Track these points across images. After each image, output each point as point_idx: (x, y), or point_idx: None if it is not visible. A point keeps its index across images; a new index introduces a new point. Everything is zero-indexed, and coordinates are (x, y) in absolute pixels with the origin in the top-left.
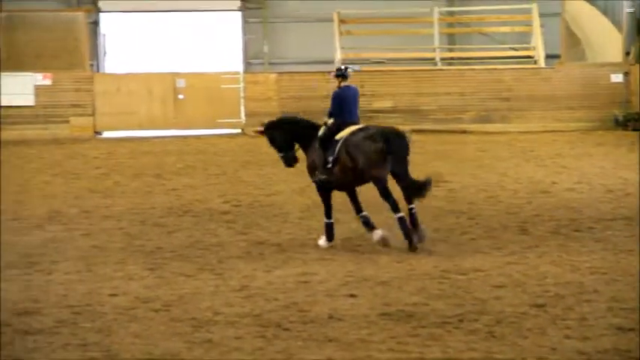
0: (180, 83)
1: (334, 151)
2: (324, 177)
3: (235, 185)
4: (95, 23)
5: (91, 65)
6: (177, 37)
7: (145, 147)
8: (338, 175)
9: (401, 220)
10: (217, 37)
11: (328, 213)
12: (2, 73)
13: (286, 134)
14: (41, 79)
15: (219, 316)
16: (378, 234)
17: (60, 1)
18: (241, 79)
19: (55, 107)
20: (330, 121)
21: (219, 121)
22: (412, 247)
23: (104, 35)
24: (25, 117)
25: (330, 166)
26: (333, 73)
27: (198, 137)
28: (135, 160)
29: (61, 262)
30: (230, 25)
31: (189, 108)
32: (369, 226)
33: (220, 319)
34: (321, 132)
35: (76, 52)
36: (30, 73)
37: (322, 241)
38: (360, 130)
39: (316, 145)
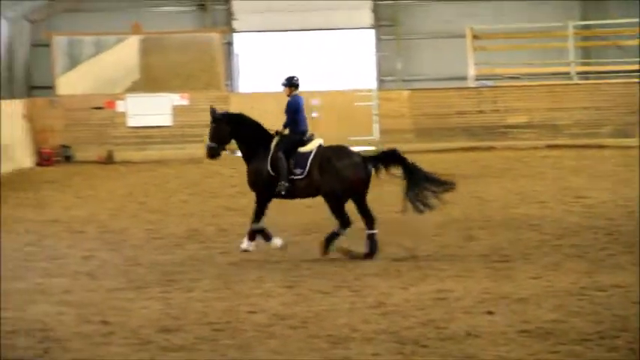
0: (315, 102)
1: (304, 164)
2: (287, 186)
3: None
4: (229, 44)
5: (226, 85)
6: (310, 56)
7: None
8: (301, 188)
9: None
10: (350, 54)
11: (259, 218)
12: (141, 94)
13: (233, 131)
14: (179, 99)
15: (356, 333)
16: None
17: (196, 22)
18: (375, 96)
19: (192, 127)
20: (287, 131)
21: (352, 138)
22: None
23: (238, 55)
24: (163, 137)
25: (299, 178)
26: (283, 83)
27: None
28: None
29: (200, 279)
30: (363, 42)
31: (323, 126)
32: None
33: (357, 336)
34: (277, 141)
35: (211, 72)
36: (168, 94)
37: (246, 244)
38: (339, 151)
39: (274, 153)
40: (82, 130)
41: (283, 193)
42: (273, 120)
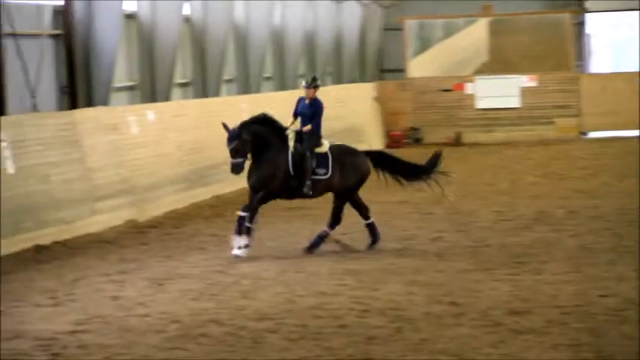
0: None
1: (327, 164)
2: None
3: None
4: (580, 24)
5: (577, 66)
6: None
7: (631, 147)
8: (319, 188)
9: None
10: None
11: (254, 215)
12: (490, 76)
13: (254, 139)
14: (527, 80)
15: None
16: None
17: (546, 4)
18: None
19: (540, 109)
20: (307, 128)
21: None
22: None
23: (589, 35)
24: (511, 119)
25: (322, 177)
26: (307, 85)
27: None
28: (621, 160)
29: (549, 262)
30: None
31: None
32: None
33: None
34: (295, 140)
35: (561, 53)
36: (516, 76)
37: (239, 251)
38: (347, 149)
39: (295, 153)
40: (431, 113)
41: (311, 193)
42: (624, 101)
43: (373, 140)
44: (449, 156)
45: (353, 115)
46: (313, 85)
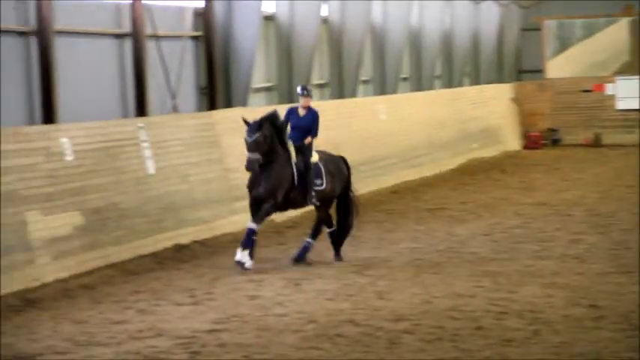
0: None
1: (320, 175)
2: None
3: None
4: None
5: None
6: None
7: None
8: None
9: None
10: None
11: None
12: (631, 77)
13: (275, 134)
14: None
15: None
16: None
17: None
18: None
19: None
20: (308, 140)
21: None
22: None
23: None
24: None
25: (320, 188)
26: (306, 93)
27: None
28: None
29: None
30: None
31: None
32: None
33: None
34: (296, 150)
35: None
36: None
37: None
38: (331, 156)
39: (299, 163)
40: (570, 114)
41: (318, 203)
42: None
43: (510, 141)
44: (587, 157)
45: (490, 116)
46: (308, 93)
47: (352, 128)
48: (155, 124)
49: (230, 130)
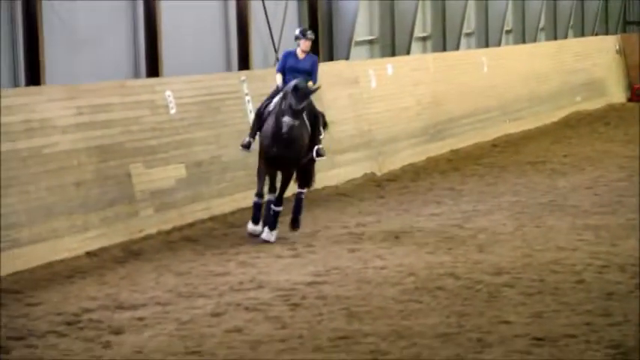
0: None
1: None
2: None
3: None
4: None
5: None
6: None
7: None
8: None
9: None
10: None
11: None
12: None
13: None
14: None
15: None
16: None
17: None
18: None
19: None
20: (311, 84)
21: None
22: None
23: None
24: None
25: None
26: (306, 35)
27: None
28: None
29: None
30: None
31: None
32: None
33: None
34: None
35: None
36: None
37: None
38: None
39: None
40: None
41: (324, 158)
42: None
43: (615, 93)
44: None
45: (594, 68)
46: (311, 36)
47: (454, 81)
48: (257, 78)
49: (332, 84)
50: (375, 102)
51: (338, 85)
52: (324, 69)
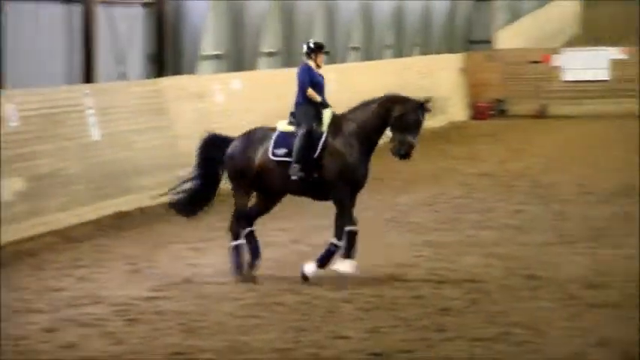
0: None
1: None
2: None
3: None
4: None
5: None
6: None
7: None
8: None
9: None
10: None
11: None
12: (577, 48)
13: None
14: (617, 53)
15: None
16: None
17: None
18: None
19: (630, 81)
20: None
21: None
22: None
23: None
24: (599, 91)
25: None
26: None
27: None
28: None
29: (630, 236)
30: None
31: None
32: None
33: None
34: None
35: None
36: (606, 48)
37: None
38: None
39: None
40: (518, 84)
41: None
42: None
43: (457, 111)
44: (533, 128)
45: (437, 86)
46: (326, 50)
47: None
48: (101, 91)
49: (178, 98)
50: (222, 116)
51: (184, 100)
52: (169, 83)
